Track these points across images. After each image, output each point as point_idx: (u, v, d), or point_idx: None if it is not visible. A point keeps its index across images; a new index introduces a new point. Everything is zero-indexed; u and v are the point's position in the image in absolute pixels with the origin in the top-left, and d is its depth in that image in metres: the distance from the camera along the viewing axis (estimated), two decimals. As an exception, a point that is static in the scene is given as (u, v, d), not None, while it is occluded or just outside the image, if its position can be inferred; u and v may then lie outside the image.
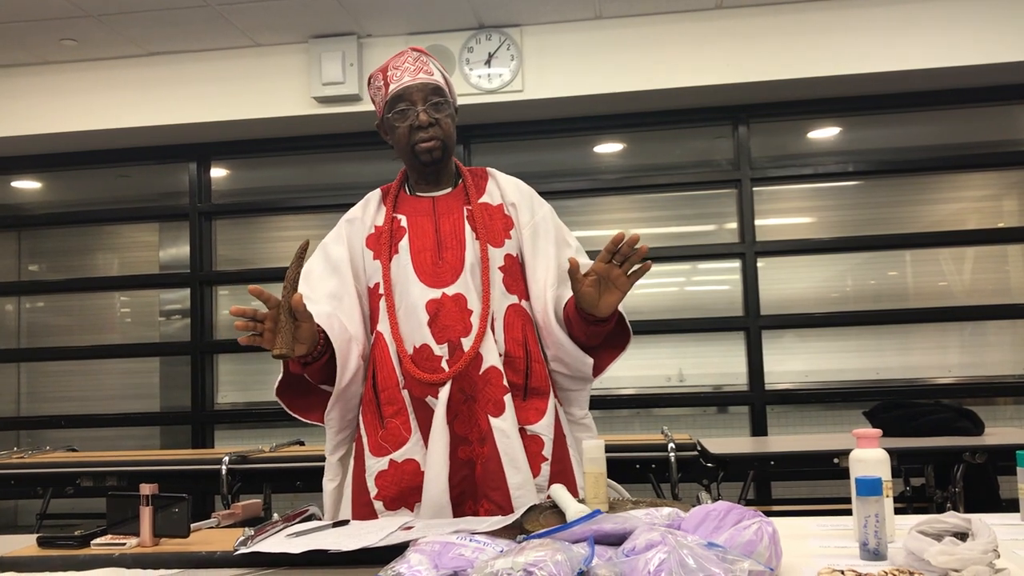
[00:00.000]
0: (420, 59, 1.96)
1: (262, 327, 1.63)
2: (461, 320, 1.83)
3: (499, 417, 1.80)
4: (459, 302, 1.84)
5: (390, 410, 1.84)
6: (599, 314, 1.74)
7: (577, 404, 1.97)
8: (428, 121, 1.89)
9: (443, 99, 1.93)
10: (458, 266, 1.87)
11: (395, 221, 1.95)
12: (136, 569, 1.42)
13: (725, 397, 4.97)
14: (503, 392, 1.81)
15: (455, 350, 1.82)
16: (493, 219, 1.94)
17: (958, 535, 1.21)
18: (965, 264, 4.94)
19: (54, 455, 4.22)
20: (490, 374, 1.82)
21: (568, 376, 1.92)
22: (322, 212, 5.32)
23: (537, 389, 1.87)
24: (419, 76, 1.92)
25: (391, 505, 1.81)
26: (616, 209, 5.18)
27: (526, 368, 1.87)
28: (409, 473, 1.81)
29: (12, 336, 5.67)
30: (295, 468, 3.72)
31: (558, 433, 1.87)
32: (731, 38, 4.51)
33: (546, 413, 1.86)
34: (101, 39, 4.65)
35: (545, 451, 1.83)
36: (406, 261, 1.89)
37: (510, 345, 1.86)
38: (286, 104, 4.77)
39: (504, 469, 1.77)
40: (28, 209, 5.86)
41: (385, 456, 1.83)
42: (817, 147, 5.12)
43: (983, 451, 3.34)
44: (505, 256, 1.91)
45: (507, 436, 1.79)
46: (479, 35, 4.62)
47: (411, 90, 1.90)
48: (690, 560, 1.07)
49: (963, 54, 4.36)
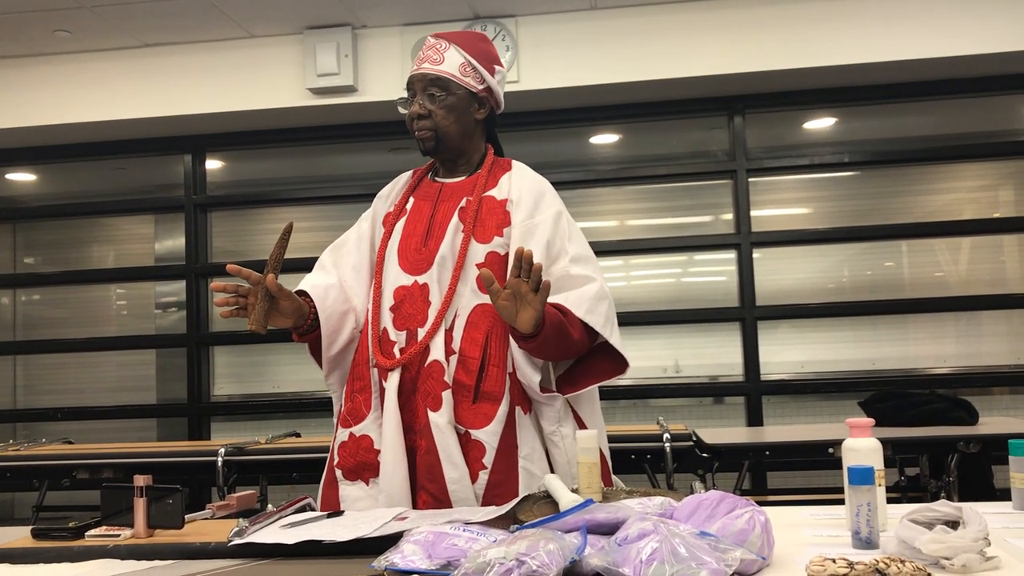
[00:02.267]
0: (436, 47, 1.99)
1: (244, 301, 1.79)
2: (421, 310, 1.86)
3: (436, 412, 1.79)
4: (423, 291, 1.87)
5: (357, 385, 1.90)
6: (520, 329, 1.70)
7: (546, 418, 1.85)
8: (419, 112, 1.95)
9: (440, 90, 1.94)
10: (433, 256, 1.88)
11: (406, 203, 2.02)
12: (130, 560, 1.43)
13: (721, 388, 4.98)
14: (442, 388, 1.80)
15: (411, 339, 1.86)
16: (490, 213, 1.91)
17: (949, 523, 1.22)
18: (961, 254, 4.95)
19: (50, 447, 4.21)
20: (432, 368, 1.82)
21: (527, 386, 1.84)
22: (317, 204, 5.32)
23: (489, 394, 1.81)
24: (423, 66, 1.96)
25: (348, 475, 1.88)
26: (612, 200, 5.18)
27: (479, 370, 1.81)
28: (363, 448, 1.86)
29: (8, 329, 5.67)
30: (291, 459, 3.71)
31: (506, 444, 1.79)
32: (726, 28, 4.50)
33: (494, 420, 1.79)
34: (95, 30, 4.63)
35: (485, 459, 1.77)
36: (395, 243, 1.95)
37: (466, 344, 1.83)
38: (281, 95, 4.76)
39: (441, 463, 1.77)
40: (23, 201, 5.85)
41: (347, 428, 1.89)
42: (813, 137, 5.12)
43: (977, 440, 3.35)
44: (488, 253, 1.88)
45: (442, 432, 1.78)
46: (474, 25, 4.61)
47: (414, 79, 1.98)
48: (682, 549, 1.08)
49: (959, 44, 4.35)
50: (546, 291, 1.67)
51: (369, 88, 4.69)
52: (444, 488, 1.76)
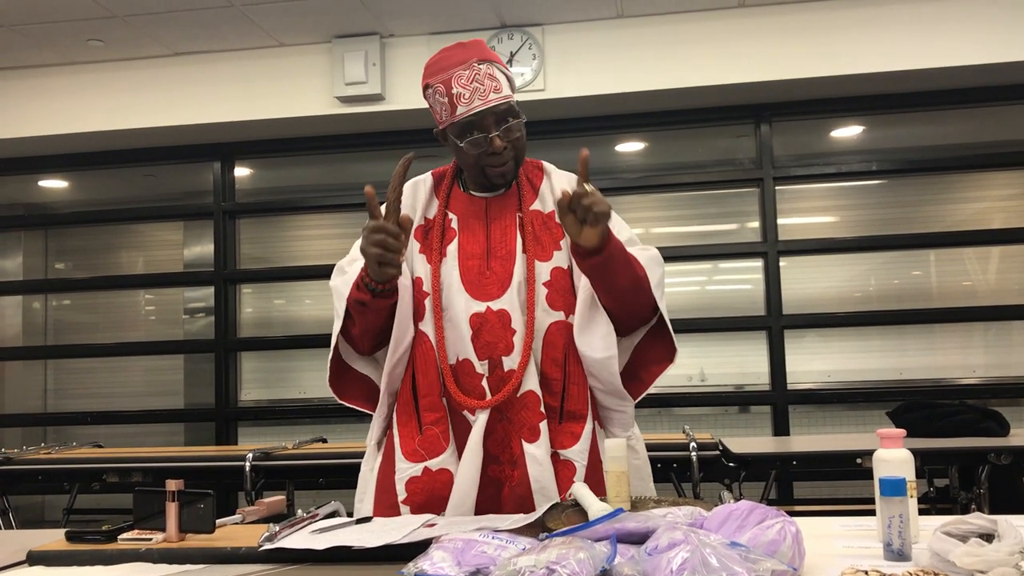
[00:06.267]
0: (489, 72, 1.80)
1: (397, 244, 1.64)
2: (503, 338, 1.78)
3: (533, 443, 1.74)
4: (503, 319, 1.78)
5: (430, 417, 1.78)
6: (583, 243, 1.65)
7: (619, 424, 1.85)
8: (503, 147, 1.82)
9: (516, 118, 1.83)
10: (506, 280, 1.80)
11: (446, 219, 1.89)
12: (162, 564, 1.44)
13: (747, 397, 4.95)
14: (539, 419, 1.75)
15: (495, 368, 1.77)
16: (544, 229, 1.86)
17: (984, 536, 1.20)
18: (990, 264, 4.89)
19: (80, 451, 4.26)
20: (527, 398, 1.76)
21: (604, 392, 1.82)
22: (344, 211, 5.35)
23: (573, 412, 1.78)
24: (490, 98, 1.78)
25: (417, 511, 1.77)
26: (638, 208, 5.18)
27: (563, 390, 1.79)
28: (441, 483, 1.76)
29: (39, 333, 5.74)
30: (318, 465, 3.72)
31: (593, 459, 1.78)
32: (753, 36, 4.49)
33: (581, 438, 1.76)
34: (127, 40, 4.70)
35: (576, 477, 1.75)
36: (453, 266, 1.82)
37: (547, 365, 1.79)
38: (309, 104, 4.80)
39: (533, 496, 1.72)
40: (55, 208, 5.93)
41: (420, 463, 1.77)
42: (840, 146, 5.09)
43: (1008, 452, 3.31)
44: (552, 270, 1.82)
45: (539, 463, 1.73)
46: (501, 34, 4.62)
47: (484, 115, 1.78)
48: (713, 559, 1.07)
49: (988, 51, 4.31)
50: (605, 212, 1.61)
51: (396, 97, 4.71)
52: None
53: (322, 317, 5.34)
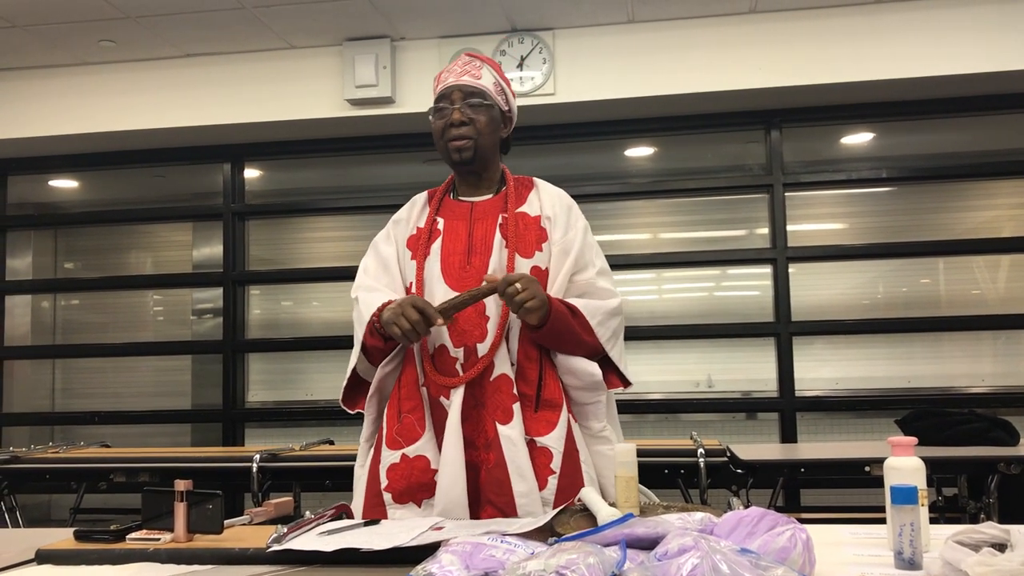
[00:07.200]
0: (472, 63, 2.01)
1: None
2: (479, 326, 1.87)
3: (507, 425, 1.82)
4: (478, 307, 1.87)
5: (408, 405, 1.88)
6: (524, 320, 1.81)
7: (594, 417, 1.93)
8: (461, 119, 1.95)
9: (482, 100, 1.96)
10: (483, 272, 1.89)
11: (434, 223, 2.00)
12: (170, 564, 1.44)
13: (754, 403, 4.93)
14: (512, 400, 1.83)
15: (470, 355, 1.86)
16: (528, 229, 1.96)
17: (996, 546, 1.20)
18: (999, 272, 4.87)
19: (88, 451, 4.27)
20: (500, 382, 1.85)
21: (580, 388, 1.91)
22: (354, 214, 5.36)
23: (549, 401, 1.87)
24: (462, 78, 1.98)
25: (399, 498, 1.85)
26: (647, 213, 5.17)
27: (538, 379, 1.88)
28: (418, 469, 1.84)
29: (47, 332, 5.76)
30: (325, 467, 3.74)
31: (569, 447, 1.85)
32: (764, 42, 4.48)
33: (557, 426, 1.85)
34: (138, 41, 4.71)
35: (553, 464, 1.82)
36: (435, 261, 1.94)
37: (522, 356, 1.88)
38: (319, 106, 4.80)
39: (510, 477, 1.79)
40: (65, 208, 5.95)
41: (398, 450, 1.87)
42: (850, 152, 5.07)
43: (1018, 462, 3.29)
44: (532, 268, 1.92)
45: (514, 444, 1.80)
46: (511, 38, 4.63)
47: (451, 89, 1.97)
48: (723, 566, 1.07)
49: (999, 59, 4.30)
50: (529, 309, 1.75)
51: (406, 100, 4.72)
52: (511, 501, 1.78)
53: (330, 319, 5.35)
